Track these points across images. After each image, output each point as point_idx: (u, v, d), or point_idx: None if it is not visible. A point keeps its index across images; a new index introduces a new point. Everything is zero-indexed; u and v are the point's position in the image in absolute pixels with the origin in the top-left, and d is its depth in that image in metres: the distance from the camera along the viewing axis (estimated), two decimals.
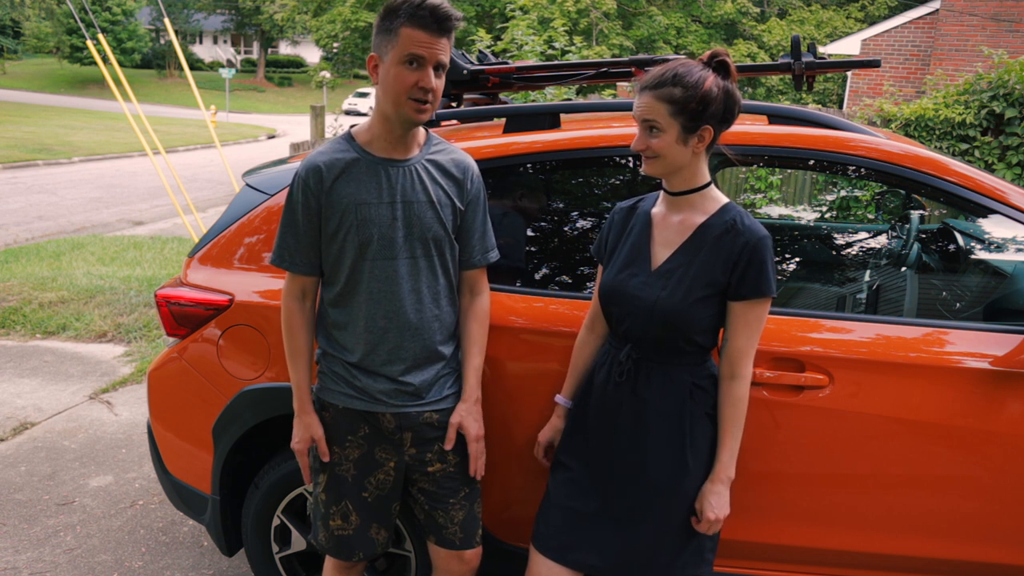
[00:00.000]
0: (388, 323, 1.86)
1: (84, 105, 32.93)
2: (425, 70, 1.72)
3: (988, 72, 6.50)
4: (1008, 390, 1.93)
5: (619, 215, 1.90)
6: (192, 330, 2.35)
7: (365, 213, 1.81)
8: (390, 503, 1.98)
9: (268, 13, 30.92)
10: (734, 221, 1.72)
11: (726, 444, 1.76)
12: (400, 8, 1.70)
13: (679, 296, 1.72)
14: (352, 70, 23.00)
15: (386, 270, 1.83)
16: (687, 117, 1.66)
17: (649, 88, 1.68)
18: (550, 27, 7.64)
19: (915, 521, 2.01)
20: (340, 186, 1.81)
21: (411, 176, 1.84)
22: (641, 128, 1.71)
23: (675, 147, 1.68)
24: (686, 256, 1.75)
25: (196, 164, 17.49)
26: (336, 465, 1.94)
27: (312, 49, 43.08)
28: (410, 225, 1.83)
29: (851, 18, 21.81)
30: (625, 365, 1.80)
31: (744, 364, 1.75)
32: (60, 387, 4.50)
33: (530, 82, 2.64)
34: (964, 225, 2.75)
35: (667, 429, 1.77)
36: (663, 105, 1.66)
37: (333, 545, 1.98)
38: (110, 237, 9.09)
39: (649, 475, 1.78)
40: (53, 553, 2.95)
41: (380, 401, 1.89)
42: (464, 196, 1.91)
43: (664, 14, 19.34)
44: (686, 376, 1.78)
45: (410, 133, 1.84)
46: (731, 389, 1.75)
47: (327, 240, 1.85)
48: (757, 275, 1.70)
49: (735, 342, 1.74)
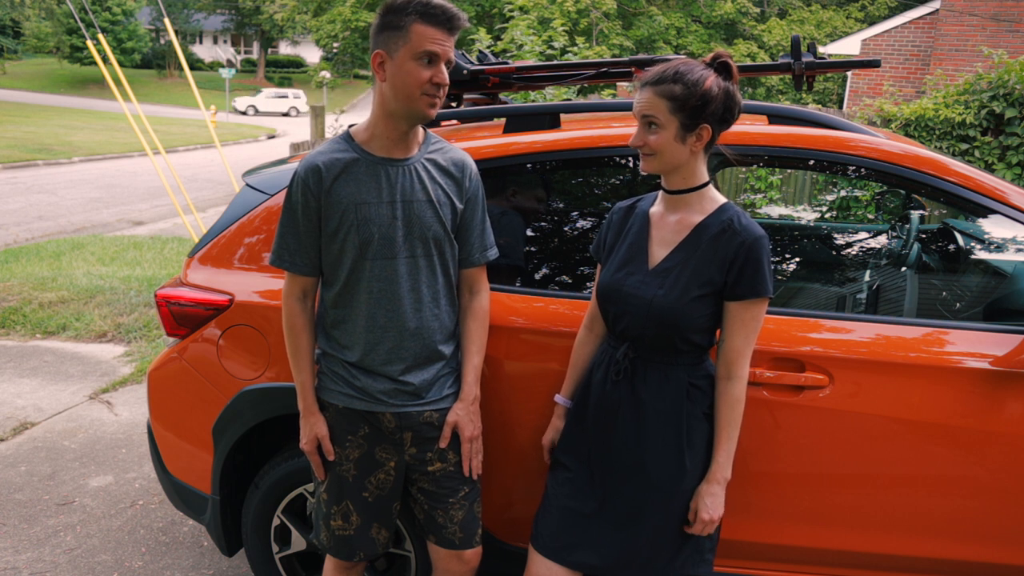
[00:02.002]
0: (388, 322, 1.86)
1: (84, 105, 32.94)
2: (438, 66, 1.74)
3: (988, 72, 6.50)
4: (1008, 390, 1.93)
5: (617, 215, 1.91)
6: (192, 330, 2.35)
7: (365, 213, 1.81)
8: (391, 503, 1.98)
9: (268, 13, 30.88)
10: (731, 220, 1.73)
11: (722, 445, 1.77)
12: (409, 5, 1.71)
13: (675, 295, 1.72)
14: (352, 70, 22.99)
15: (386, 269, 1.84)
16: (686, 115, 1.66)
17: (650, 84, 1.69)
18: (550, 27, 7.63)
19: (915, 521, 2.01)
20: (340, 186, 1.81)
21: (411, 175, 1.84)
22: (640, 124, 1.72)
23: (673, 144, 1.69)
24: (683, 255, 1.75)
25: (196, 164, 17.49)
26: (337, 465, 1.94)
27: (312, 49, 43.10)
28: (410, 224, 1.83)
29: (851, 18, 21.81)
30: (622, 364, 1.80)
31: (741, 364, 1.75)
32: (60, 387, 4.50)
33: (530, 82, 2.63)
34: (964, 225, 2.75)
35: (664, 429, 1.77)
36: (663, 101, 1.67)
37: (334, 545, 1.99)
38: (110, 237, 9.09)
39: (647, 474, 1.78)
40: (53, 553, 2.95)
41: (380, 401, 1.89)
42: (463, 195, 1.92)
43: (664, 14, 19.34)
44: (683, 375, 1.78)
45: (412, 132, 1.85)
46: (728, 389, 1.76)
47: (327, 240, 1.85)
48: (753, 275, 1.70)
49: (731, 342, 1.74)
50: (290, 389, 2.22)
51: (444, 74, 1.76)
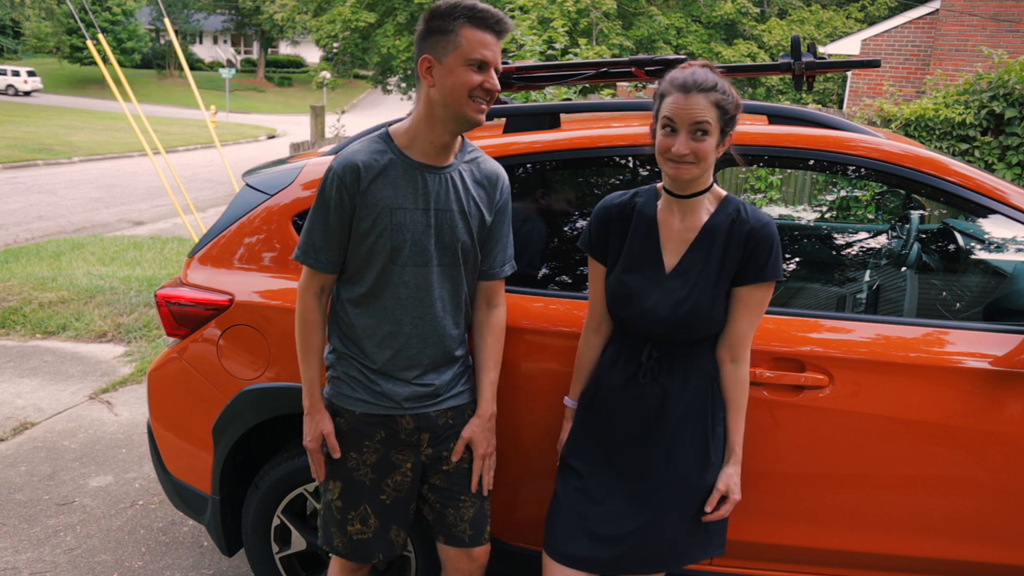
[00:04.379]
0: (414, 329, 1.84)
1: (84, 105, 32.93)
2: (489, 71, 1.73)
3: (988, 72, 6.50)
4: (1008, 390, 1.93)
5: (616, 211, 1.86)
6: (192, 330, 2.35)
7: (400, 218, 1.79)
8: (407, 504, 1.97)
9: (268, 13, 30.86)
10: (738, 212, 1.76)
11: (737, 426, 1.81)
12: (457, 10, 1.70)
13: (698, 294, 1.74)
14: (352, 70, 22.97)
15: (416, 277, 1.82)
16: (726, 122, 1.68)
17: (701, 91, 1.65)
18: (550, 27, 7.63)
19: (915, 521, 2.01)
20: (377, 188, 1.78)
21: (446, 184, 1.82)
22: (686, 131, 1.66)
23: (714, 152, 1.70)
24: (699, 254, 1.77)
25: (196, 164, 17.49)
26: (354, 471, 1.92)
27: (312, 49, 43.05)
28: (441, 233, 1.82)
29: (851, 18, 21.78)
30: (647, 365, 1.81)
31: (744, 347, 1.79)
32: (60, 387, 4.50)
33: (530, 82, 2.63)
34: (964, 225, 2.74)
35: (693, 421, 1.79)
36: (715, 110, 1.66)
37: (352, 549, 1.96)
38: (110, 237, 9.09)
39: (675, 469, 1.79)
40: (53, 553, 2.95)
41: (400, 405, 1.88)
42: (493, 207, 1.90)
43: (664, 14, 19.32)
44: (706, 364, 1.81)
45: (455, 138, 1.82)
46: (735, 372, 1.80)
47: (356, 240, 1.82)
48: (765, 260, 1.73)
49: (738, 326, 1.77)
50: (290, 389, 2.22)
51: (495, 80, 1.73)
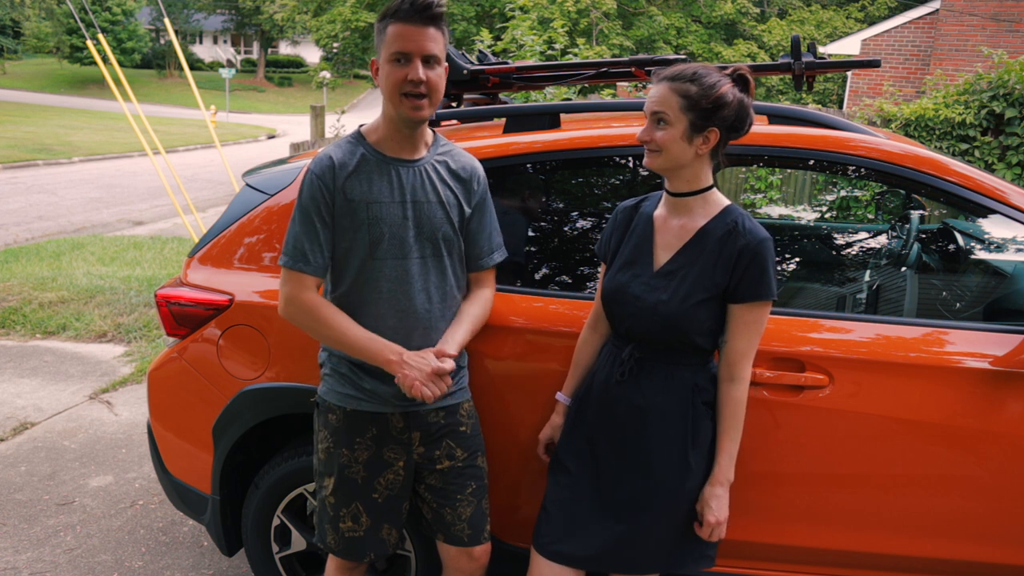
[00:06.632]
0: (398, 323, 1.85)
1: (84, 105, 32.91)
2: (412, 63, 1.72)
3: (988, 72, 6.50)
4: (1008, 390, 1.93)
5: (622, 214, 1.90)
6: (192, 330, 2.35)
7: (377, 212, 1.80)
8: (400, 503, 1.97)
9: (268, 13, 30.88)
10: (735, 223, 1.73)
11: (725, 447, 1.77)
12: (388, 8, 1.72)
13: (679, 298, 1.73)
14: (352, 70, 22.99)
15: (396, 269, 1.83)
16: (697, 115, 1.66)
17: (667, 80, 1.69)
18: (550, 27, 7.63)
19: (915, 521, 2.01)
20: (352, 183, 1.80)
21: (421, 176, 1.84)
22: (649, 120, 1.71)
23: (679, 143, 1.68)
24: (687, 258, 1.75)
25: (196, 164, 17.48)
26: (345, 468, 1.92)
27: (312, 49, 43.06)
28: (420, 225, 1.83)
29: (851, 18, 21.79)
30: (627, 364, 1.80)
31: (743, 367, 1.75)
32: (60, 387, 4.50)
33: (530, 82, 2.64)
34: (964, 225, 2.74)
35: (669, 428, 1.77)
36: (676, 98, 1.67)
37: (344, 547, 1.97)
38: (110, 237, 9.09)
39: (651, 472, 1.78)
40: (53, 553, 2.95)
41: (388, 402, 1.88)
42: (471, 199, 1.91)
43: (664, 14, 19.33)
44: (688, 376, 1.78)
45: (417, 133, 1.83)
46: (729, 391, 1.76)
47: (336, 236, 1.83)
48: (758, 278, 1.70)
49: (734, 344, 1.74)
50: (290, 389, 2.22)
51: (418, 70, 1.71)
